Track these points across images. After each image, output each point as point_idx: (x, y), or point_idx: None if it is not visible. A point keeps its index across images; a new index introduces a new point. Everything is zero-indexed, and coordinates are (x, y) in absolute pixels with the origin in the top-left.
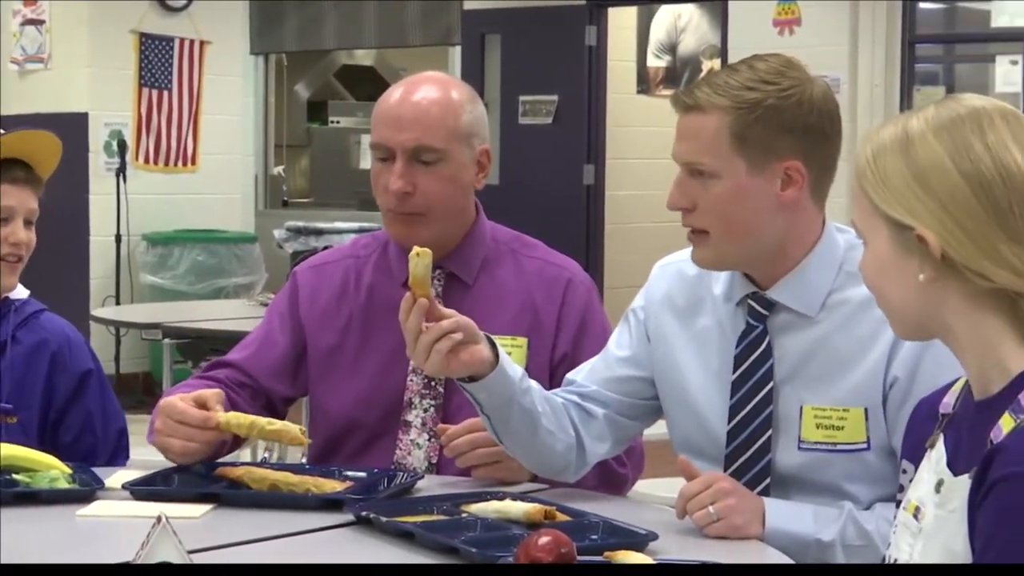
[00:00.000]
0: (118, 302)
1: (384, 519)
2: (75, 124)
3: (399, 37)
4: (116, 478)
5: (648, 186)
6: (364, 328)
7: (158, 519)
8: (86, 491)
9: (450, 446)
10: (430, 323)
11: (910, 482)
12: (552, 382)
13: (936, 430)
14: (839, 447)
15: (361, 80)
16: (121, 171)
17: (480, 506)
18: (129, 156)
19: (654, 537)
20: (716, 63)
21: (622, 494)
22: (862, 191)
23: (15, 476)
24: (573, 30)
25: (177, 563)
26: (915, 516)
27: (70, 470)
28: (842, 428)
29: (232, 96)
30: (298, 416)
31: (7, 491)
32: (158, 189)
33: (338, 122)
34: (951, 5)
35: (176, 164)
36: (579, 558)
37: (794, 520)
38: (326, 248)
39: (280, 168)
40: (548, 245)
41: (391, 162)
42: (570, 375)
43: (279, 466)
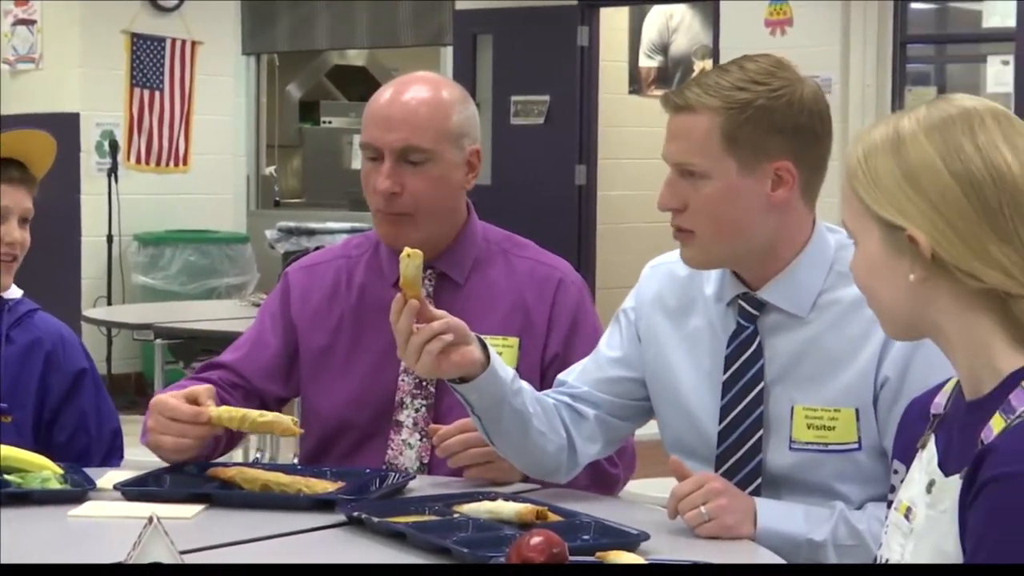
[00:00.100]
0: (110, 302)
1: (376, 519)
2: (67, 124)
3: (391, 37)
4: (108, 478)
5: (640, 186)
6: (355, 328)
7: (150, 519)
8: (78, 491)
9: (442, 446)
10: (421, 324)
11: (901, 482)
12: (543, 382)
13: (927, 430)
14: (830, 447)
15: (353, 80)
16: (113, 171)
17: (472, 506)
18: (121, 156)
19: (646, 537)
20: (708, 63)
21: (614, 494)
22: (853, 191)
23: (7, 476)
24: (565, 30)
25: (169, 563)
26: (906, 516)
27: (62, 470)
28: (833, 428)
29: (224, 96)
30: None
31: None
32: (150, 189)
33: (330, 122)
34: (942, 5)
35: (168, 164)
36: (571, 558)
37: (785, 520)
38: (318, 248)
39: (272, 168)
40: (540, 245)
41: (380, 162)
42: (561, 376)
43: (271, 466)
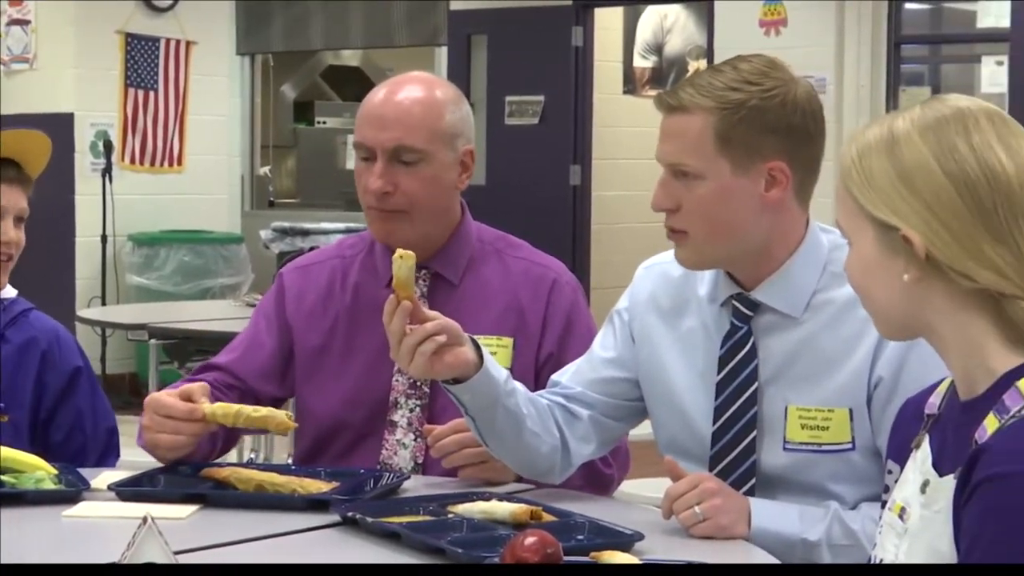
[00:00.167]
0: (104, 303)
1: (370, 520)
2: (61, 124)
3: (385, 37)
4: (102, 479)
5: (634, 186)
6: (350, 328)
7: (144, 520)
8: (72, 492)
9: (436, 446)
10: (414, 325)
11: (895, 482)
12: (537, 382)
13: (921, 430)
14: (824, 447)
15: (347, 80)
16: (107, 171)
17: (466, 506)
18: (115, 156)
19: (640, 537)
20: (702, 64)
21: (608, 494)
22: (847, 191)
23: (1, 477)
24: (559, 31)
25: (163, 564)
26: (900, 516)
27: (56, 471)
28: (827, 428)
29: (218, 96)
30: None
31: None
32: (144, 189)
33: (324, 122)
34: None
35: (162, 164)
36: (565, 558)
37: (780, 520)
38: (312, 249)
39: (266, 168)
40: (534, 245)
41: (373, 162)
42: (555, 376)
43: (265, 467)
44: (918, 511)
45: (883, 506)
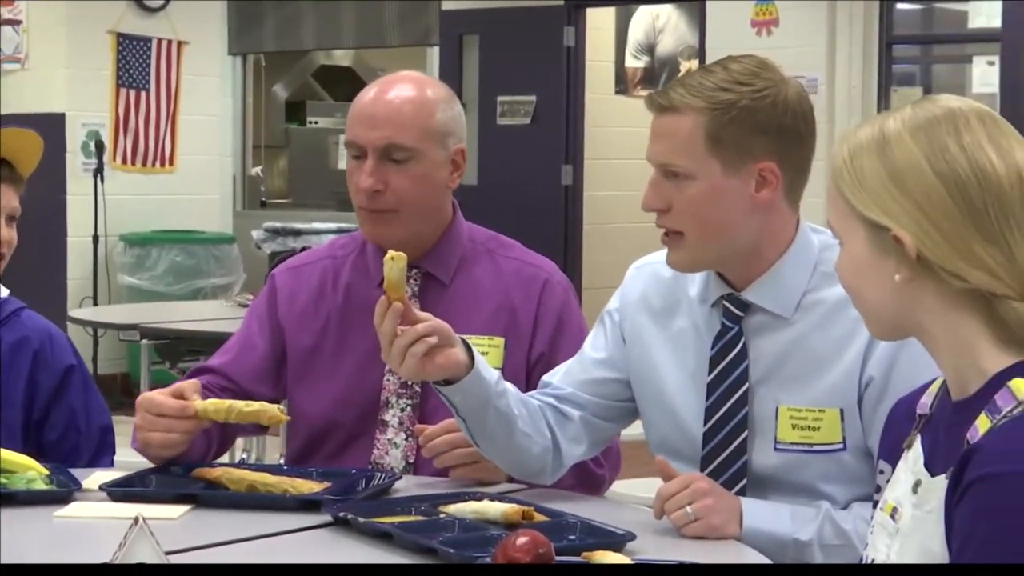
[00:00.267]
0: (95, 303)
1: (362, 520)
2: (52, 124)
3: (377, 37)
4: (93, 479)
5: (626, 186)
6: (341, 328)
7: (135, 520)
8: (63, 492)
9: (428, 446)
10: (405, 327)
11: (887, 482)
12: (529, 382)
13: (913, 431)
14: (815, 448)
15: (339, 80)
16: (99, 171)
17: (458, 507)
18: (107, 156)
19: (632, 537)
20: (694, 64)
21: (600, 494)
22: (838, 192)
23: None
24: (551, 31)
25: (154, 564)
26: (892, 516)
27: (47, 471)
28: (818, 429)
29: (210, 96)
30: None
31: None
32: (136, 190)
33: (316, 122)
34: (928, 6)
35: (154, 164)
36: (557, 558)
37: (772, 520)
38: (304, 249)
39: (258, 169)
40: (526, 245)
41: (364, 160)
42: (546, 377)
43: (257, 467)
44: (910, 511)
45: (875, 506)
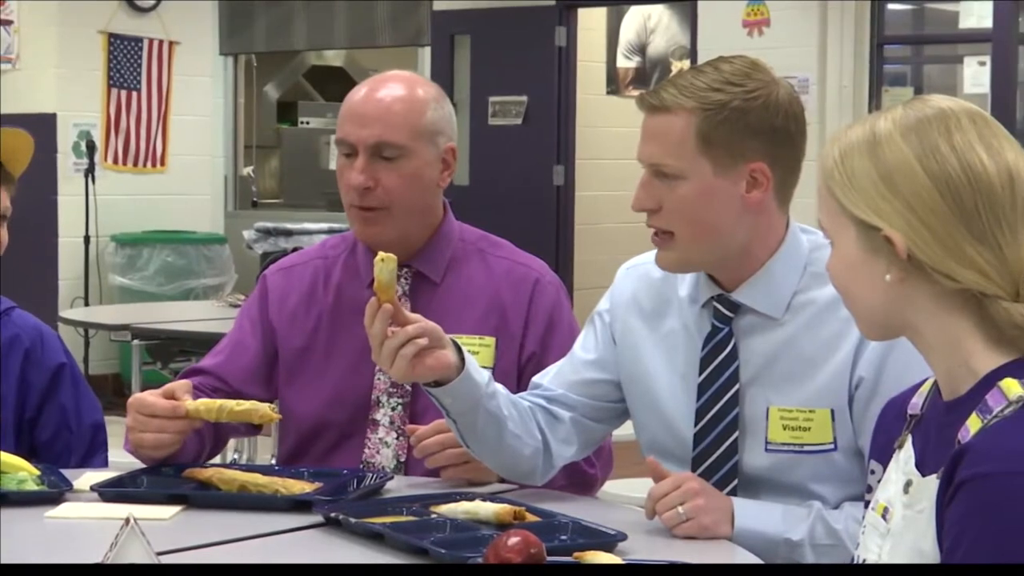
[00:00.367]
0: (87, 303)
1: (353, 520)
2: (43, 125)
3: (369, 38)
4: (85, 479)
5: (618, 186)
6: (332, 328)
7: (127, 521)
8: (54, 493)
9: (419, 446)
10: (395, 328)
11: (878, 483)
12: (520, 382)
13: (904, 431)
14: (806, 448)
15: (331, 80)
16: (90, 172)
17: (449, 507)
18: (98, 157)
19: (623, 537)
20: (686, 64)
21: (591, 494)
22: (829, 192)
23: None
24: (543, 31)
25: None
26: (883, 517)
27: (38, 472)
28: (809, 429)
29: (201, 97)
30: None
31: None
32: (127, 190)
33: (308, 123)
34: (919, 6)
35: (145, 165)
36: (548, 558)
37: (763, 520)
38: (295, 249)
39: (249, 169)
40: (518, 246)
41: (354, 158)
42: (536, 378)
43: (248, 467)
44: (901, 511)
45: (866, 506)
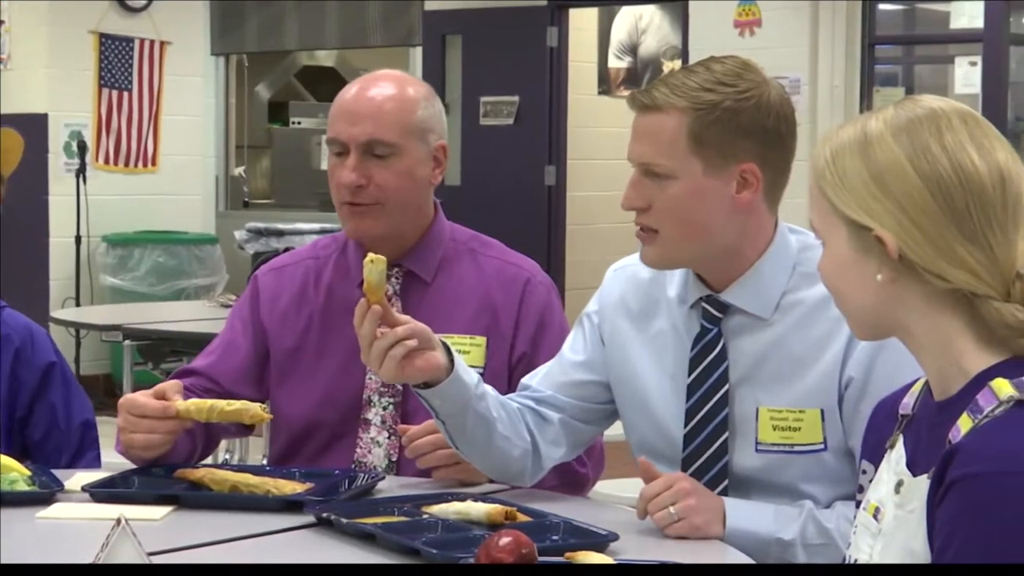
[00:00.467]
0: (78, 303)
1: (345, 520)
2: (35, 125)
3: (360, 38)
4: (76, 480)
5: (609, 187)
6: (323, 328)
7: (118, 521)
8: (46, 493)
9: (411, 447)
10: (385, 329)
11: (870, 483)
12: (511, 382)
13: (896, 431)
14: (796, 448)
15: (322, 81)
16: (81, 172)
17: (441, 507)
18: (89, 157)
19: (615, 537)
20: (677, 64)
21: (583, 494)
22: (820, 192)
23: None
24: (534, 31)
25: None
26: (875, 517)
27: (29, 472)
28: (799, 429)
29: (193, 97)
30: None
31: None
32: (118, 190)
33: (299, 123)
34: (910, 7)
35: (136, 165)
36: (540, 559)
37: (754, 520)
38: (287, 249)
39: (241, 169)
40: (509, 246)
41: (346, 156)
42: (525, 380)
43: (239, 467)
44: (892, 511)
45: (857, 506)
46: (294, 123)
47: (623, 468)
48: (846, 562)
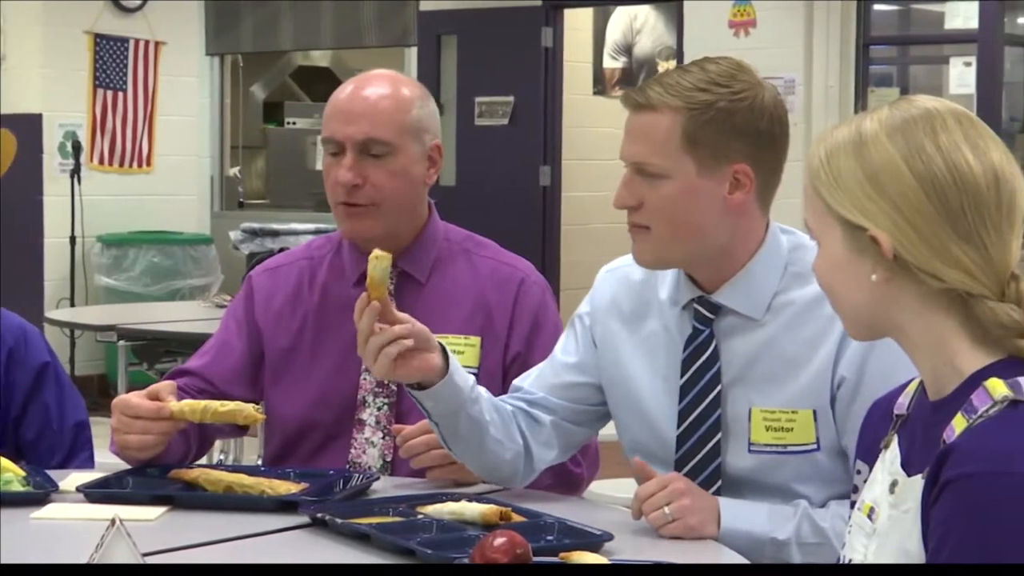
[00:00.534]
0: (73, 304)
1: (339, 520)
2: (29, 125)
3: (355, 38)
4: (71, 480)
5: (604, 187)
6: (318, 329)
7: (112, 521)
8: (40, 494)
9: (405, 447)
10: (383, 325)
11: (864, 483)
12: (505, 382)
13: (890, 431)
14: (789, 449)
15: (317, 81)
16: (75, 172)
17: (436, 507)
18: (84, 157)
19: (609, 538)
20: (672, 64)
21: (578, 494)
22: (815, 191)
23: None
24: (529, 31)
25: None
26: (869, 517)
27: (24, 473)
28: (791, 430)
29: (187, 97)
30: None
31: None
32: (113, 190)
33: (294, 123)
34: (905, 7)
35: (131, 165)
36: (534, 559)
37: (749, 519)
38: (282, 250)
39: (236, 169)
40: (504, 246)
41: (341, 156)
42: (516, 382)
43: (234, 468)
44: (887, 511)
45: (852, 506)
46: (289, 123)
47: (617, 468)
48: (840, 562)
